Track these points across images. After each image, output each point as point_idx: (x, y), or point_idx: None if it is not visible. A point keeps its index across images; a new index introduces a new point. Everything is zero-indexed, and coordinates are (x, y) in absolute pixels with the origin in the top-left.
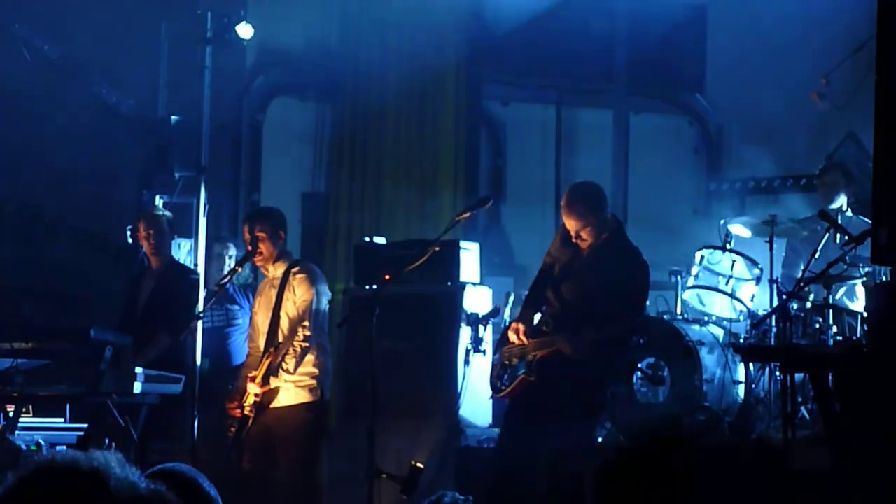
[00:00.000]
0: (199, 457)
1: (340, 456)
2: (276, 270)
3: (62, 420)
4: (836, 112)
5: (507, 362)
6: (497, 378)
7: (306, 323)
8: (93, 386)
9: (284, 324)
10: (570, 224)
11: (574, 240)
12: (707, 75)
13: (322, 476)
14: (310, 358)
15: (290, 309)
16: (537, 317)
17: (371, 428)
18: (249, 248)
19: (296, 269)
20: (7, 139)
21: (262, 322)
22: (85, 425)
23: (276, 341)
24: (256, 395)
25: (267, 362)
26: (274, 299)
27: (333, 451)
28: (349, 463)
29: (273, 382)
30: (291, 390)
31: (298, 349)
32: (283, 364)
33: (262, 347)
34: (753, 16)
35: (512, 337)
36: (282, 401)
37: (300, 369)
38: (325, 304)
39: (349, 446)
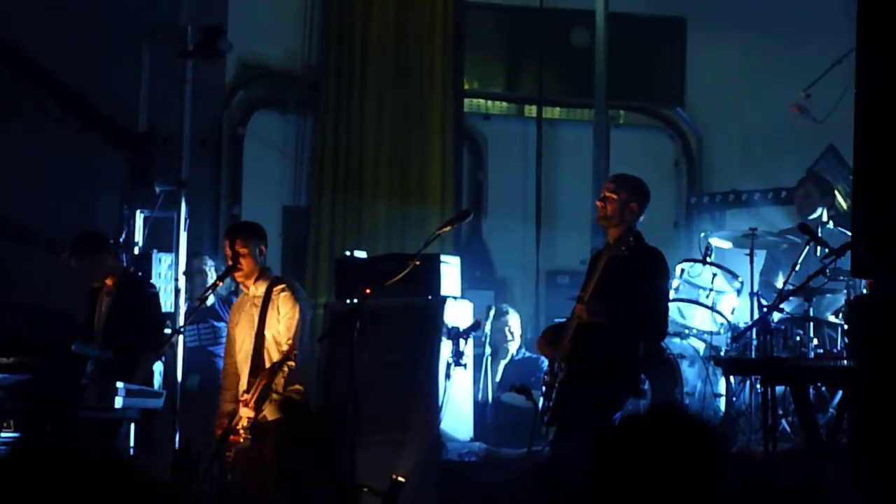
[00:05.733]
0: (179, 472)
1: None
2: (257, 289)
3: None
4: (817, 125)
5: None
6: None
7: (293, 342)
8: (74, 401)
9: (270, 344)
10: (606, 185)
11: (598, 203)
12: (687, 89)
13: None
14: (296, 374)
15: (274, 328)
16: None
17: (352, 441)
18: (230, 262)
19: (279, 287)
20: None
21: (243, 339)
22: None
23: (263, 363)
24: (249, 419)
25: (260, 386)
26: (256, 318)
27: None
28: (330, 476)
29: (265, 407)
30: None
31: (286, 370)
32: (274, 385)
33: (239, 364)
34: (733, 29)
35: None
36: (268, 416)
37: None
38: (308, 321)
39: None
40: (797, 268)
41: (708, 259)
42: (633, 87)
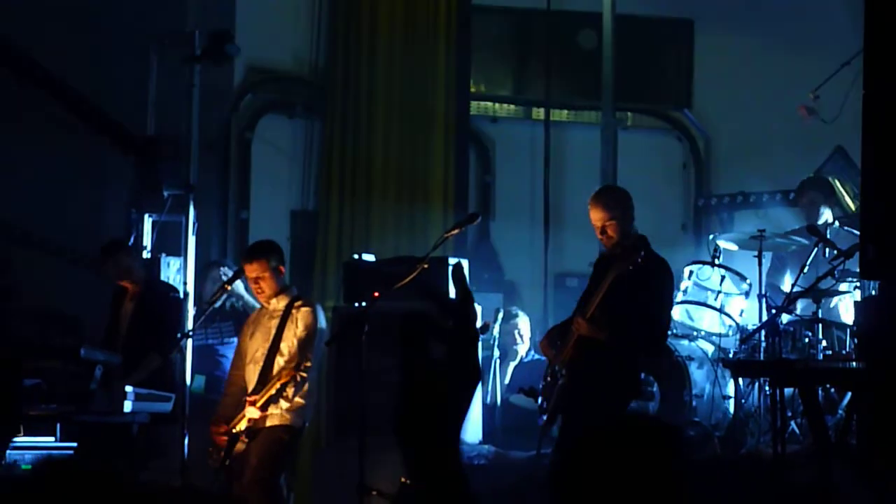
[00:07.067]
0: (189, 475)
1: (330, 473)
2: (278, 303)
3: (52, 439)
4: (825, 126)
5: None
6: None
7: (309, 355)
8: (83, 405)
9: (283, 356)
10: (595, 216)
11: (599, 236)
12: (695, 90)
13: (312, 493)
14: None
15: (290, 341)
16: None
17: (361, 445)
18: (252, 285)
19: (299, 304)
20: None
21: (255, 350)
22: (74, 444)
23: (273, 373)
24: (251, 420)
25: (272, 389)
26: (273, 331)
27: (323, 469)
28: (339, 480)
29: (271, 409)
30: (277, 414)
31: (299, 379)
32: (285, 392)
33: (247, 375)
34: (741, 30)
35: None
36: (265, 423)
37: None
38: (323, 339)
39: (339, 464)
40: (806, 269)
41: (716, 261)
42: (641, 89)
